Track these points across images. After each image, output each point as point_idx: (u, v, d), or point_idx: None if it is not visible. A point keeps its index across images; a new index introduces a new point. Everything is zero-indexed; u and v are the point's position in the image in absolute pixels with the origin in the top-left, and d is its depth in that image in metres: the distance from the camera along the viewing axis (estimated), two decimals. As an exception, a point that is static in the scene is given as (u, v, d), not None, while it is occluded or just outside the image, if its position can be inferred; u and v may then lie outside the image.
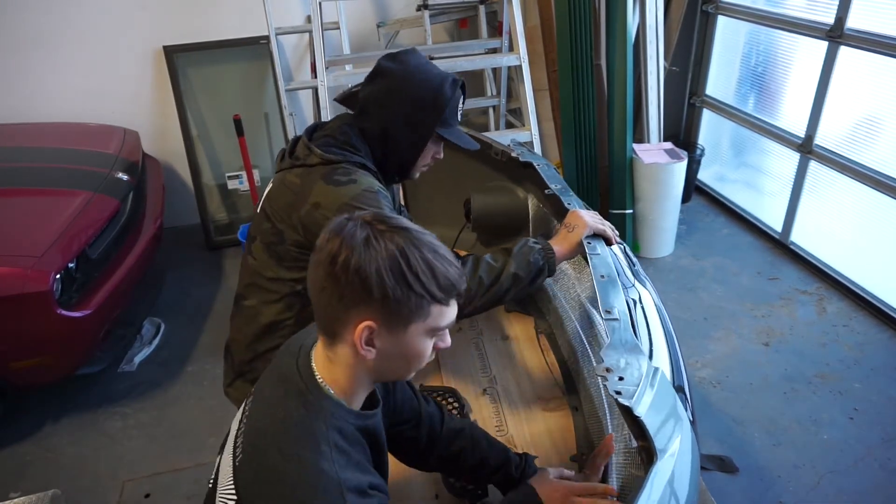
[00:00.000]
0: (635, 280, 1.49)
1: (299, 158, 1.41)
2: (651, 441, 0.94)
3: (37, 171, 2.87)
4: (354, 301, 0.85)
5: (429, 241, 0.89)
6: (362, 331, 0.86)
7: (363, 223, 0.87)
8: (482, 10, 3.73)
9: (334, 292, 0.85)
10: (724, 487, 2.14)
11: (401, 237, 0.86)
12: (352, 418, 0.92)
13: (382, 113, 1.40)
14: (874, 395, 2.49)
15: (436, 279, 0.86)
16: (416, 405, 1.18)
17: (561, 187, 1.73)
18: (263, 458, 0.87)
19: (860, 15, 2.80)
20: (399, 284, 0.84)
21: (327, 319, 0.89)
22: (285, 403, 0.91)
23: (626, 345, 1.12)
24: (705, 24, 3.88)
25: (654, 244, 3.52)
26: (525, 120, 3.18)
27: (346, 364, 0.91)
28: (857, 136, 2.96)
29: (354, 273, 0.83)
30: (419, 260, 0.85)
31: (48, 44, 3.51)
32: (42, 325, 2.32)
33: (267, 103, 3.84)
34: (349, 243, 0.84)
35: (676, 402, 1.10)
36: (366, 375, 0.93)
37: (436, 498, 1.31)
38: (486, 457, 1.19)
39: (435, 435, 1.19)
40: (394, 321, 0.87)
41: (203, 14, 3.62)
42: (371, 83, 1.42)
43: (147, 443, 2.48)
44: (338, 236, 0.86)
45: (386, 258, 0.84)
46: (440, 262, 0.87)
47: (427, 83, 1.39)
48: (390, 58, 1.42)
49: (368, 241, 0.84)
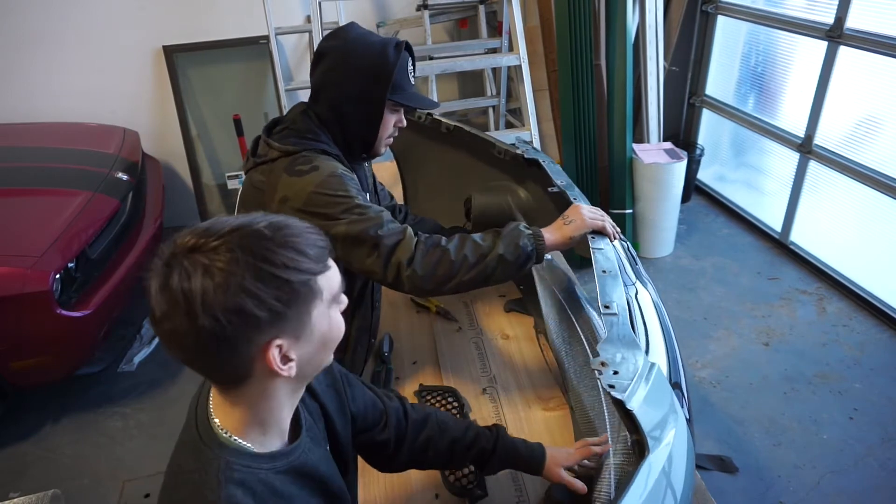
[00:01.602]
0: (636, 279, 1.49)
1: (261, 156, 1.37)
2: (644, 434, 0.94)
3: (37, 171, 2.87)
4: (244, 337, 0.70)
5: (270, 221, 0.74)
6: (273, 354, 0.73)
7: (178, 254, 0.69)
8: (482, 10, 3.74)
9: (215, 347, 0.69)
10: (724, 487, 2.14)
11: (237, 240, 0.70)
12: (262, 462, 0.78)
13: (331, 93, 1.37)
14: (874, 395, 2.49)
15: (305, 254, 0.73)
16: (379, 405, 1.10)
17: (566, 183, 1.73)
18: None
19: (860, 15, 2.80)
20: (281, 288, 0.71)
21: (222, 376, 0.75)
22: (181, 452, 0.79)
23: (622, 339, 1.13)
24: (705, 24, 3.88)
25: (654, 244, 3.52)
26: (525, 120, 3.19)
27: (258, 397, 0.77)
28: (856, 136, 2.96)
29: (227, 312, 0.68)
30: (275, 247, 0.71)
31: (48, 44, 3.51)
32: (42, 325, 2.32)
33: (267, 103, 3.84)
34: (191, 287, 0.67)
35: (672, 396, 1.10)
36: (289, 394, 0.81)
37: (436, 498, 1.31)
38: (456, 438, 1.14)
39: (402, 430, 1.12)
40: (295, 323, 0.74)
41: (203, 14, 3.62)
42: (316, 67, 1.39)
43: (147, 443, 2.48)
44: (168, 290, 0.68)
45: (244, 273, 0.68)
46: (295, 234, 0.74)
47: (368, 53, 1.35)
48: (329, 36, 1.38)
49: (209, 270, 0.68)
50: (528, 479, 1.32)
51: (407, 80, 1.40)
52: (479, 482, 1.30)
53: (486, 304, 1.92)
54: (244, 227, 0.72)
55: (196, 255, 0.69)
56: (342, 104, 1.37)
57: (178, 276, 0.68)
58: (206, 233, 0.71)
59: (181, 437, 0.81)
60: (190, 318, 0.67)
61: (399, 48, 1.37)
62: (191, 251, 0.69)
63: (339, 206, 1.27)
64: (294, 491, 0.80)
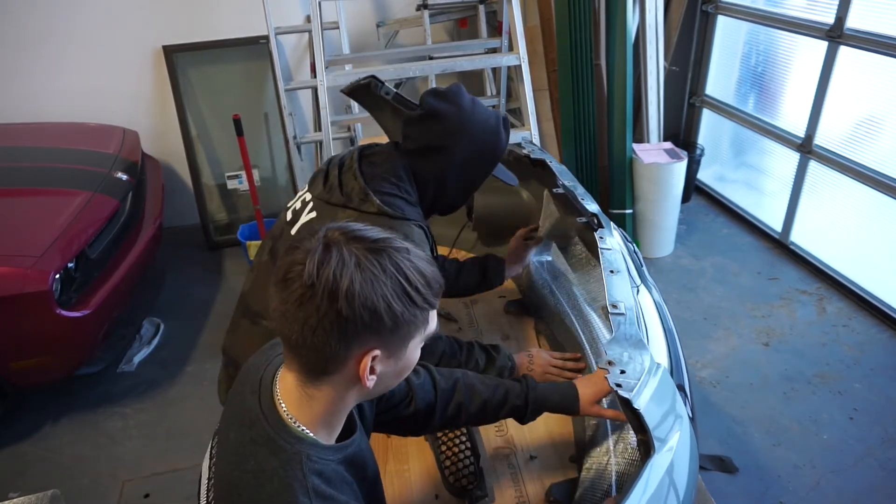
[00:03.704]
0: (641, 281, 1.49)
1: (352, 200, 1.32)
2: (650, 434, 0.95)
3: (37, 171, 2.87)
4: (360, 335, 0.77)
5: (407, 245, 0.82)
6: (368, 361, 0.79)
7: (341, 245, 0.77)
8: (482, 10, 3.73)
9: (334, 330, 0.76)
10: (724, 487, 2.14)
11: (388, 252, 0.78)
12: (331, 454, 0.84)
13: (441, 158, 1.37)
14: (874, 395, 2.49)
15: (430, 286, 0.81)
16: (404, 384, 1.13)
17: (572, 183, 1.73)
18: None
19: (860, 15, 2.80)
20: (406, 306, 0.78)
21: (319, 360, 0.79)
22: (254, 453, 0.82)
23: (629, 339, 1.13)
24: (705, 24, 3.88)
25: (654, 244, 3.52)
26: (525, 120, 3.18)
27: (334, 397, 0.83)
28: (856, 136, 2.96)
29: (361, 306, 0.75)
30: (413, 271, 0.79)
31: (48, 44, 3.51)
32: (42, 325, 2.32)
33: (267, 103, 3.84)
34: (344, 273, 0.75)
35: (676, 397, 1.11)
36: (355, 401, 0.87)
37: (436, 498, 1.31)
38: (486, 399, 1.17)
39: (431, 402, 1.15)
40: (399, 343, 0.81)
41: (203, 14, 3.62)
42: (422, 123, 1.37)
43: (147, 443, 2.48)
44: (325, 267, 0.75)
45: (387, 280, 0.76)
46: (425, 264, 0.82)
47: (485, 129, 1.37)
48: (440, 97, 1.37)
49: (361, 266, 0.76)
50: (528, 479, 1.32)
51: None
52: (479, 482, 1.30)
53: (486, 305, 1.92)
54: (393, 241, 0.80)
55: (348, 248, 0.77)
56: (448, 171, 1.38)
57: (335, 259, 0.75)
58: (362, 233, 0.80)
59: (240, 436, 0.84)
60: (331, 299, 0.74)
61: (507, 127, 1.41)
62: (345, 244, 0.77)
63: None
64: (349, 478, 0.87)
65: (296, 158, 3.73)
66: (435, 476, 1.34)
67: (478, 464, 1.35)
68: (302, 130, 3.97)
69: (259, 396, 0.86)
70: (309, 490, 0.78)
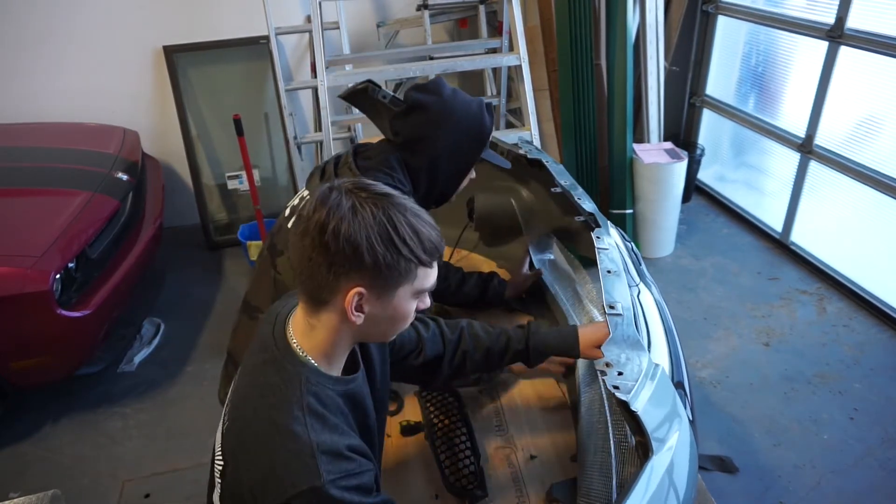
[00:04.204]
0: (640, 280, 1.49)
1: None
2: (648, 436, 0.94)
3: (37, 171, 2.87)
4: (345, 269, 0.87)
5: (411, 205, 0.91)
6: (353, 297, 0.88)
7: (347, 192, 0.88)
8: (482, 10, 3.73)
9: (323, 261, 0.87)
10: (724, 487, 2.14)
11: (385, 203, 0.88)
12: (330, 383, 0.94)
13: (428, 147, 1.42)
14: (874, 395, 2.49)
15: (421, 243, 0.89)
16: (413, 336, 1.24)
17: (570, 183, 1.72)
18: (244, 422, 0.92)
19: (860, 15, 2.80)
20: (389, 250, 0.87)
21: (314, 288, 0.90)
22: (264, 371, 0.94)
23: (627, 340, 1.13)
24: (705, 24, 3.88)
25: (654, 244, 3.51)
26: (525, 120, 3.18)
27: (330, 329, 0.93)
28: (857, 136, 2.95)
29: (345, 241, 0.85)
30: (405, 224, 0.88)
31: (48, 44, 3.51)
32: (42, 325, 2.32)
33: (267, 103, 3.84)
34: (337, 213, 0.86)
35: (676, 398, 1.10)
36: (349, 338, 0.96)
37: (436, 498, 1.31)
38: (489, 347, 1.26)
39: (439, 352, 1.25)
40: (383, 286, 0.90)
41: (203, 14, 3.62)
42: (408, 117, 1.43)
43: (147, 443, 2.48)
44: (324, 206, 0.86)
45: (374, 225, 0.86)
46: (424, 225, 0.90)
47: (467, 114, 1.43)
48: (422, 90, 1.44)
49: (355, 209, 0.86)
50: (528, 479, 1.32)
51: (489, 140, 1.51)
52: (480, 482, 1.30)
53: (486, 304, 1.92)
54: (395, 197, 0.90)
55: (353, 195, 0.88)
56: (439, 158, 1.43)
57: (333, 201, 0.87)
58: (368, 186, 0.90)
59: (254, 360, 0.98)
60: (321, 232, 0.86)
61: (490, 111, 1.48)
62: (350, 192, 0.88)
63: None
64: (346, 411, 0.96)
65: (296, 158, 3.73)
66: (435, 476, 1.34)
67: (478, 464, 1.35)
68: (302, 130, 3.97)
69: (273, 327, 0.99)
70: (304, 406, 0.88)
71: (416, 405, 1.57)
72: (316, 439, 0.85)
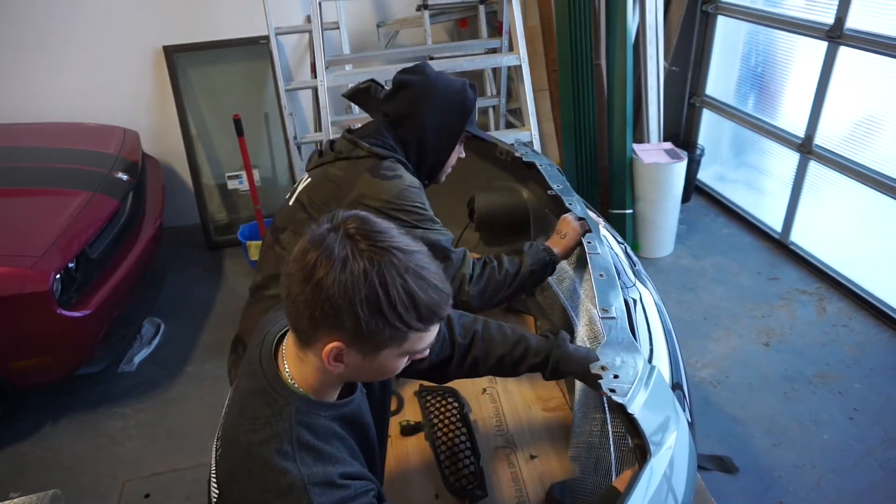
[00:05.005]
0: (636, 280, 1.49)
1: (343, 152, 1.47)
2: (645, 439, 0.94)
3: (37, 171, 2.87)
4: (325, 323, 0.80)
5: (416, 263, 0.82)
6: (330, 350, 0.83)
7: (345, 237, 0.80)
8: (482, 10, 3.73)
9: (305, 309, 0.80)
10: (724, 487, 2.13)
11: (384, 259, 0.79)
12: (323, 411, 0.90)
13: (416, 122, 1.48)
14: (874, 395, 2.49)
15: (416, 309, 0.81)
16: None
17: (563, 188, 1.73)
18: (235, 458, 0.89)
19: (860, 15, 2.80)
20: (374, 317, 0.79)
21: (296, 329, 0.86)
22: (254, 400, 0.91)
23: (622, 343, 1.13)
24: (705, 24, 3.88)
25: (654, 244, 3.52)
26: (525, 120, 3.18)
27: (316, 368, 0.88)
28: (856, 136, 2.95)
29: (327, 299, 0.78)
30: (400, 289, 0.79)
31: (48, 44, 3.51)
32: (42, 325, 2.31)
33: (267, 103, 3.84)
34: (326, 261, 0.78)
35: (673, 399, 1.10)
36: (336, 379, 0.92)
37: (436, 498, 1.31)
38: (503, 355, 1.18)
39: (448, 356, 1.19)
40: (365, 346, 0.83)
41: (203, 14, 3.62)
42: (395, 96, 1.49)
43: (147, 443, 2.48)
44: (316, 249, 0.79)
45: (363, 286, 0.78)
46: (424, 289, 0.81)
47: (451, 89, 1.49)
48: (407, 71, 1.51)
49: (346, 263, 0.78)
50: (528, 479, 1.32)
51: (475, 116, 1.56)
52: (480, 482, 1.30)
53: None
54: (397, 252, 0.80)
55: (352, 242, 0.79)
56: (425, 133, 1.49)
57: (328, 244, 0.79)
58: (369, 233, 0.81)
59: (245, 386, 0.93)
60: (306, 279, 0.79)
61: (474, 88, 1.53)
62: (349, 238, 0.80)
63: (416, 215, 1.39)
64: (344, 435, 0.93)
65: (296, 158, 3.73)
66: (435, 476, 1.34)
67: (478, 464, 1.35)
68: (302, 130, 3.97)
69: (261, 350, 0.95)
70: (293, 439, 0.85)
71: (416, 405, 1.57)
72: (307, 472, 0.83)
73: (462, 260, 1.43)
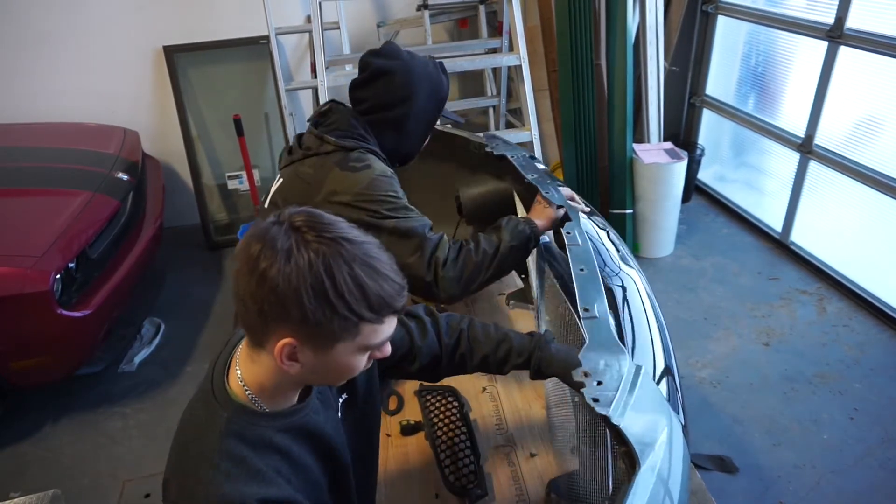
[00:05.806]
0: (622, 264, 1.46)
1: (311, 149, 1.43)
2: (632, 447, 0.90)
3: (37, 171, 2.87)
4: (273, 318, 0.78)
5: (364, 253, 0.79)
6: (282, 347, 0.79)
7: (290, 229, 0.78)
8: (482, 10, 3.74)
9: (252, 305, 0.77)
10: (724, 487, 2.13)
11: (330, 250, 0.77)
12: (264, 421, 0.85)
13: (399, 110, 1.45)
14: (874, 395, 2.49)
15: (366, 299, 0.78)
16: (407, 344, 1.14)
17: (537, 176, 1.69)
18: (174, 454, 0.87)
19: (860, 15, 2.80)
20: (321, 306, 0.76)
21: (247, 327, 0.82)
22: (196, 402, 0.89)
23: (604, 345, 1.08)
24: (705, 24, 3.88)
25: (654, 244, 3.52)
26: (525, 120, 3.19)
27: (268, 370, 0.85)
28: (856, 136, 2.95)
29: (271, 290, 0.75)
30: (347, 278, 0.77)
31: (48, 44, 3.51)
32: (42, 325, 2.32)
33: (267, 103, 3.85)
34: (270, 253, 0.75)
35: (662, 399, 1.08)
36: (290, 382, 0.88)
37: (436, 498, 1.31)
38: (487, 354, 1.17)
39: (436, 356, 1.17)
40: (317, 341, 0.80)
41: (203, 14, 3.62)
42: (374, 83, 1.44)
43: (147, 443, 2.48)
44: (259, 241, 0.77)
45: (308, 276, 0.75)
46: (374, 278, 0.79)
47: (428, 74, 1.46)
48: (382, 56, 1.45)
49: (290, 254, 0.75)
50: (528, 479, 1.32)
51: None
52: (480, 482, 1.30)
53: (486, 304, 1.92)
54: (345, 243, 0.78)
55: (297, 234, 0.77)
56: (407, 120, 1.46)
57: (271, 236, 0.76)
58: (316, 224, 0.79)
59: (200, 386, 0.91)
60: (250, 272, 0.76)
61: (445, 69, 1.52)
62: (295, 230, 0.77)
63: (388, 204, 1.35)
64: (294, 448, 0.87)
65: (296, 158, 3.72)
66: (435, 476, 1.34)
67: (478, 463, 1.35)
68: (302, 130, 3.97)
69: (218, 355, 0.92)
70: (221, 448, 0.81)
71: (416, 404, 1.57)
72: (216, 492, 0.78)
73: (437, 245, 1.37)
